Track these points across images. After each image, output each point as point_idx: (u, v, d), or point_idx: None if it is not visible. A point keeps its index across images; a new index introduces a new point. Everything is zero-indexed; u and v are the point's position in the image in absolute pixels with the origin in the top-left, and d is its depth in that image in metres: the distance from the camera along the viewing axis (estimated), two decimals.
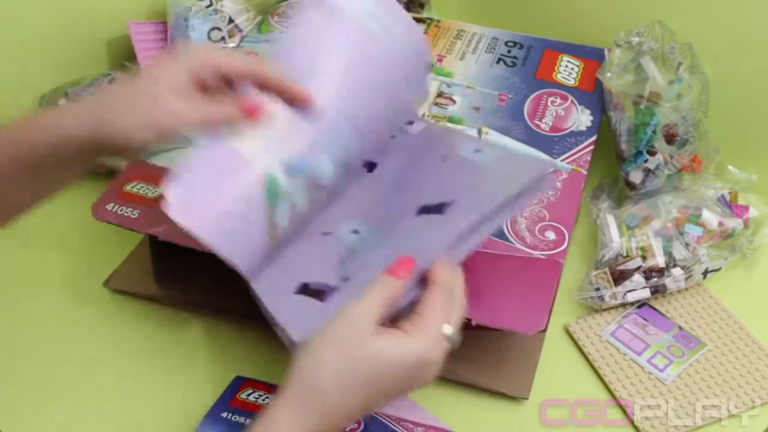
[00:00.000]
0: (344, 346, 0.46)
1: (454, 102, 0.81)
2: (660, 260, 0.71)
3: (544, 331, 0.59)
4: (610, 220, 0.75)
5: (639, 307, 0.72)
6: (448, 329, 0.49)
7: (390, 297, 0.48)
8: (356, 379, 0.46)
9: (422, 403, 0.65)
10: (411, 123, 0.67)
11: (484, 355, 0.66)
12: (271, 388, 0.64)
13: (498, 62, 0.87)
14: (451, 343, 0.49)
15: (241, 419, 0.61)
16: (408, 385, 0.48)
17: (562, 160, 0.74)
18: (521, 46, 0.89)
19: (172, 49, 0.56)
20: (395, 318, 0.48)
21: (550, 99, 0.82)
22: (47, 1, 0.84)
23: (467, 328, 0.62)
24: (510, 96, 0.82)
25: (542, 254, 0.65)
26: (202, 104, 0.53)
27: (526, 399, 0.65)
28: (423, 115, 0.77)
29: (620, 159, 0.79)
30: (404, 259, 0.50)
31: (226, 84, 0.55)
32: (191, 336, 0.71)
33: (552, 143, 0.76)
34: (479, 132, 0.77)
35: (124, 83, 0.55)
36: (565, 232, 0.67)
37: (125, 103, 0.52)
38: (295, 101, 0.55)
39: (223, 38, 0.89)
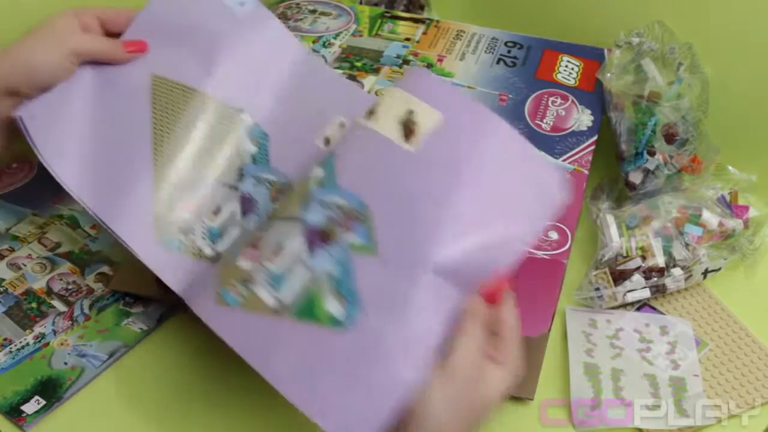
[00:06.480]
0: (466, 384, 0.48)
1: None
2: (660, 260, 0.71)
3: (548, 332, 0.59)
4: (610, 220, 0.75)
5: (639, 307, 0.72)
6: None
7: (484, 323, 0.50)
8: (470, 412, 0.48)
9: None
10: None
11: None
12: None
13: (498, 62, 0.87)
14: None
15: None
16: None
17: (564, 160, 0.74)
18: (521, 46, 0.89)
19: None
20: None
21: (551, 99, 0.82)
22: (47, 2, 0.83)
23: None
24: (510, 96, 0.82)
25: (545, 254, 0.65)
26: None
27: (531, 399, 0.65)
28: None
29: (620, 159, 0.79)
30: (500, 283, 0.51)
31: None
32: (192, 335, 0.71)
33: (553, 143, 0.76)
34: None
35: (29, 33, 0.60)
36: (568, 232, 0.67)
37: (40, 43, 0.59)
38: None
39: None
